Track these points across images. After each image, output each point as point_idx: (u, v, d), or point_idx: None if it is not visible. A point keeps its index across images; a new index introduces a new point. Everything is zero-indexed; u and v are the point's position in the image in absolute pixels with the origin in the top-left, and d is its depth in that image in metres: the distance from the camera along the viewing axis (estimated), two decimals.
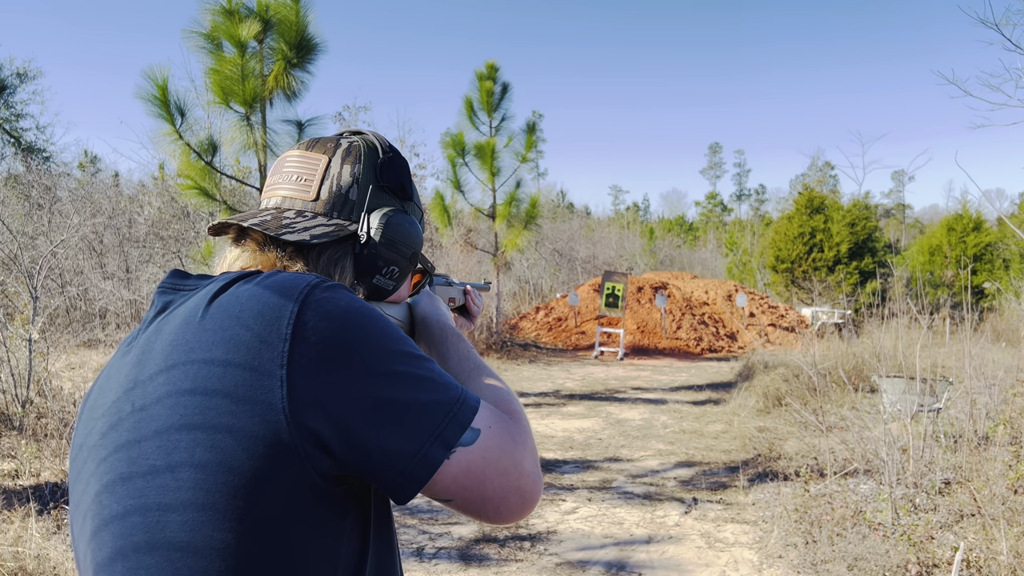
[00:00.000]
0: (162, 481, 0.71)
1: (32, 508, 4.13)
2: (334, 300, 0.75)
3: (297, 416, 0.70)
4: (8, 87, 22.12)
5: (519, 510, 0.80)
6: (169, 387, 0.73)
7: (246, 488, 0.70)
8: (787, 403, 7.46)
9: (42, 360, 6.82)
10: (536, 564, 4.04)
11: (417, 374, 0.76)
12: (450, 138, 13.31)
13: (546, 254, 25.44)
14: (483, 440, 0.77)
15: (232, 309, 0.75)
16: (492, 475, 0.77)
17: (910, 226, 47.31)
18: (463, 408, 0.77)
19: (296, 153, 0.96)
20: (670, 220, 56.45)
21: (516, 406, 0.88)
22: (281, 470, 0.70)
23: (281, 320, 0.73)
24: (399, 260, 0.96)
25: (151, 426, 0.73)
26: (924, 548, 3.77)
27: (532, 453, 0.82)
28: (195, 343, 0.74)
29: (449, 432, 0.75)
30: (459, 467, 0.75)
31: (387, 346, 0.75)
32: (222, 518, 0.70)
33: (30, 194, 15.87)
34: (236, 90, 6.43)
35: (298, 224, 0.89)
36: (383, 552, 0.83)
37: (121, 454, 0.75)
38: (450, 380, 0.79)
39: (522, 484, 0.79)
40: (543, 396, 9.74)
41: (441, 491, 0.76)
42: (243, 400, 0.70)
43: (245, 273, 0.81)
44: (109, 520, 0.75)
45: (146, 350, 0.79)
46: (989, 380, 6.02)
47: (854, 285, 19.54)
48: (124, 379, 0.79)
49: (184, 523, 0.70)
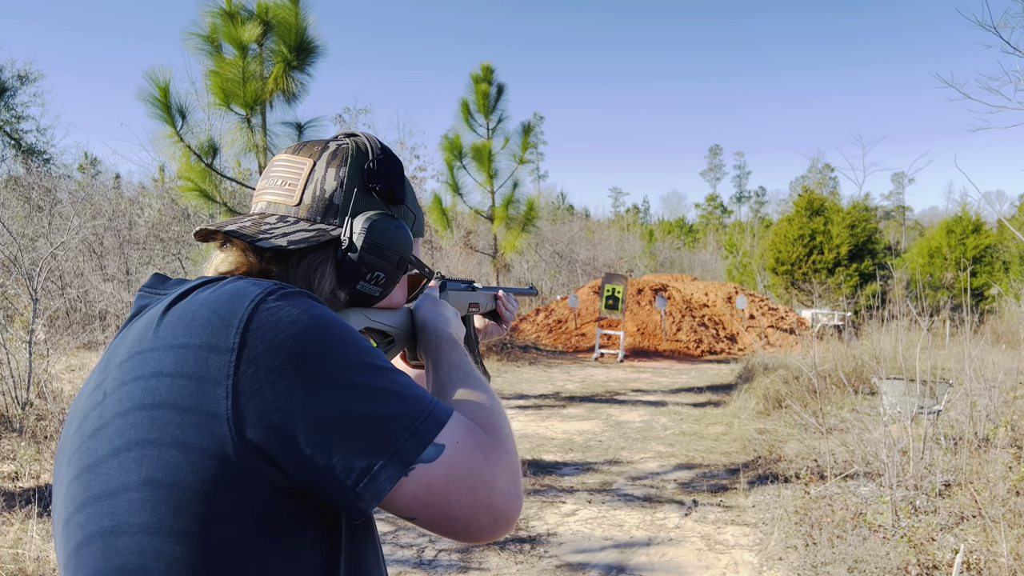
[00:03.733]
0: (114, 503, 0.70)
1: (32, 510, 4.12)
2: (287, 308, 0.73)
3: (242, 429, 0.68)
4: (9, 89, 22.14)
5: (491, 529, 0.76)
6: (123, 404, 0.72)
7: (195, 502, 0.68)
8: (787, 405, 7.46)
9: (42, 362, 6.82)
10: (536, 566, 4.04)
11: (378, 386, 0.73)
12: (447, 141, 13.31)
13: (546, 256, 25.44)
14: (448, 456, 0.73)
15: (184, 317, 0.74)
16: (458, 493, 0.73)
17: (910, 228, 47.35)
18: (427, 421, 0.74)
19: (283, 157, 0.95)
20: (670, 222, 56.45)
21: (497, 419, 0.84)
22: (229, 483, 0.68)
23: (230, 329, 0.71)
24: (384, 265, 0.93)
25: (108, 446, 0.72)
26: (924, 550, 3.77)
27: (509, 470, 0.78)
28: (147, 354, 0.73)
29: (408, 447, 0.71)
30: (419, 485, 0.72)
31: (344, 357, 0.72)
32: (174, 535, 0.68)
33: (30, 196, 15.87)
34: (237, 92, 6.44)
35: (277, 230, 0.88)
36: (359, 562, 0.81)
37: (83, 478, 0.74)
38: (417, 392, 0.76)
39: (493, 502, 0.75)
40: (543, 398, 9.74)
41: (402, 508, 0.73)
42: (189, 411, 0.69)
43: (211, 279, 0.80)
44: (75, 549, 0.74)
45: (111, 358, 0.78)
46: (989, 382, 6.02)
47: (854, 287, 19.55)
48: (93, 390, 0.78)
49: (136, 545, 0.69)
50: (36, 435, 5.92)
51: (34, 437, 5.88)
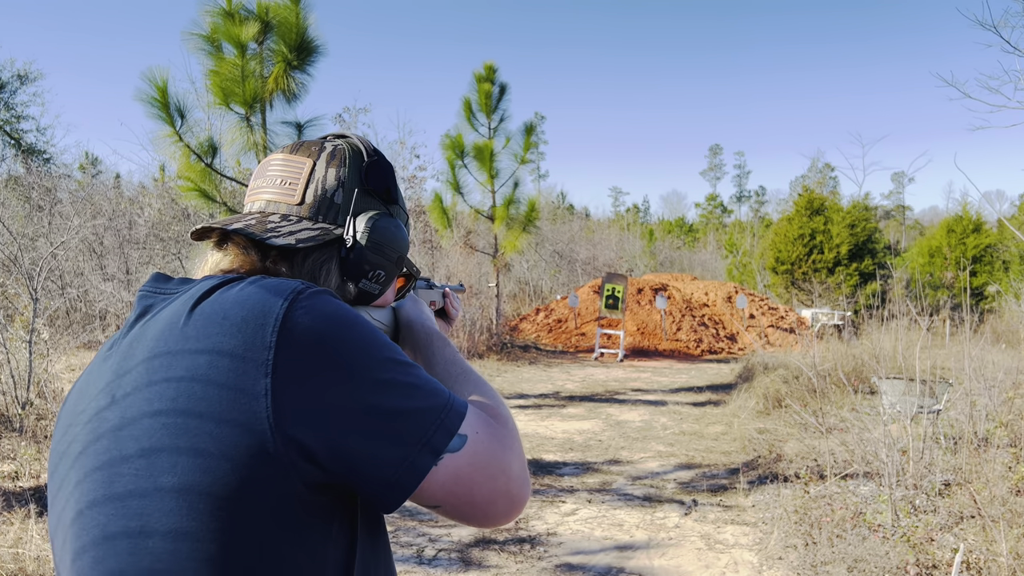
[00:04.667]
0: (144, 504, 0.70)
1: (32, 510, 4.13)
2: (320, 306, 0.75)
3: (282, 426, 0.69)
4: (9, 89, 22.15)
5: (507, 513, 0.80)
6: (153, 404, 0.72)
7: (233, 507, 0.69)
8: (787, 405, 7.46)
9: (42, 362, 6.82)
10: (536, 566, 4.04)
11: (404, 381, 0.75)
12: (449, 140, 13.32)
13: (546, 255, 25.45)
14: (471, 446, 0.77)
15: (216, 316, 0.74)
16: (481, 480, 0.77)
17: (910, 228, 47.35)
18: (451, 414, 0.77)
19: (280, 157, 0.95)
20: (670, 222, 56.47)
21: (503, 411, 0.88)
22: (266, 482, 0.69)
23: (266, 327, 0.72)
24: (385, 264, 0.95)
25: (136, 445, 0.72)
26: (924, 550, 3.77)
27: (519, 457, 0.82)
28: (178, 355, 0.73)
29: (437, 439, 0.75)
30: (447, 473, 0.75)
31: (374, 353, 0.75)
32: (210, 540, 0.69)
33: (30, 196, 15.88)
34: (236, 91, 6.44)
35: (283, 228, 0.88)
36: (373, 555, 0.82)
37: (100, 474, 0.73)
38: (437, 386, 0.79)
39: (510, 488, 0.80)
40: (543, 397, 9.74)
41: (429, 498, 0.76)
42: (225, 416, 0.69)
43: (228, 278, 0.80)
44: (89, 546, 0.73)
45: (127, 357, 0.78)
46: (989, 382, 6.02)
47: (854, 287, 19.55)
48: (104, 388, 0.78)
49: (169, 548, 0.69)
50: (36, 435, 5.93)
51: (34, 437, 5.88)
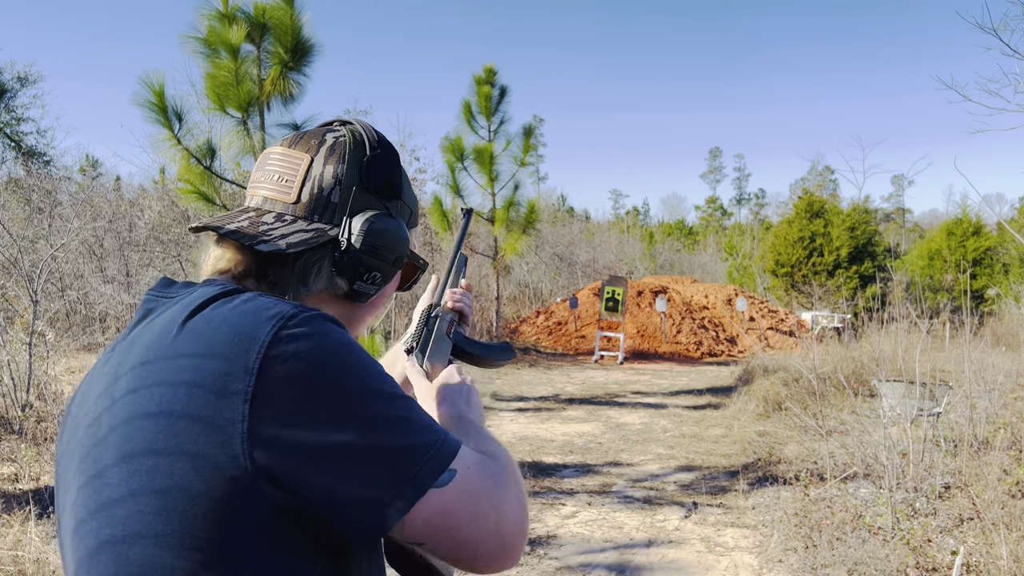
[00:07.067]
0: (124, 511, 0.70)
1: (31, 512, 4.12)
2: (308, 335, 0.73)
3: (254, 452, 0.68)
4: (9, 91, 22.16)
5: (500, 555, 0.76)
6: (134, 409, 0.72)
7: (203, 515, 0.68)
8: (787, 407, 7.45)
9: (42, 364, 6.82)
10: (536, 568, 4.04)
11: (392, 415, 0.73)
12: (449, 143, 13.31)
13: (546, 258, 25.44)
14: (459, 482, 0.74)
15: (204, 334, 0.74)
16: (468, 518, 0.74)
17: (910, 230, 47.36)
18: (441, 451, 0.74)
19: (279, 151, 0.94)
20: (670, 224, 56.46)
21: (501, 451, 0.85)
22: (236, 500, 0.68)
23: (250, 353, 0.70)
24: (381, 266, 0.93)
25: (115, 452, 0.72)
26: (924, 552, 3.77)
27: (516, 498, 0.79)
28: (163, 363, 0.73)
29: (424, 474, 0.72)
30: (432, 509, 0.72)
31: (362, 386, 0.73)
32: (182, 547, 0.68)
33: (31, 198, 15.88)
34: (231, 95, 6.43)
35: (276, 231, 0.87)
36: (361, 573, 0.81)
37: (93, 484, 0.74)
38: (429, 421, 0.76)
39: (501, 527, 0.76)
40: (543, 400, 9.74)
41: (412, 534, 0.73)
42: (206, 425, 0.69)
43: (226, 290, 0.80)
44: (86, 557, 0.74)
45: (123, 361, 0.78)
46: (989, 384, 6.01)
47: (854, 289, 19.55)
48: (104, 391, 0.78)
49: (146, 555, 0.69)
50: (36, 437, 5.92)
51: (34, 439, 5.88)
